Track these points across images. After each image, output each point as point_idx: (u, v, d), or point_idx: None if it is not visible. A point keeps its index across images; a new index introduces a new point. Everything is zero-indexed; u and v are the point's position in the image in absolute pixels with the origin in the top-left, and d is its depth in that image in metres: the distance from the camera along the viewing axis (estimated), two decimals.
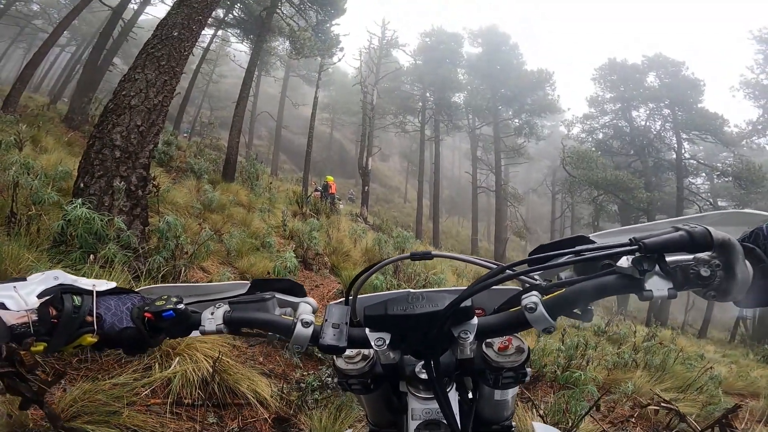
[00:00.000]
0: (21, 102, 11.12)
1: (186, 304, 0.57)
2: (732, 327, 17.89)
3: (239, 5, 16.70)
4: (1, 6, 17.51)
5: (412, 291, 0.55)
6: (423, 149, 25.30)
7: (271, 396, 2.32)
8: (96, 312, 0.53)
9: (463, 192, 40.00)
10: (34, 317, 0.49)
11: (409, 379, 0.58)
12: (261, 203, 8.74)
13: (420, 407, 0.56)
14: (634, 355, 4.89)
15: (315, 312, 0.59)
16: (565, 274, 0.57)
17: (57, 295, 0.51)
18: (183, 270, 3.52)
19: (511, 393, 0.61)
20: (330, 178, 14.98)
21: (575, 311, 0.51)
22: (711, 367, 5.03)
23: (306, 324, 0.53)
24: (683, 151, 23.47)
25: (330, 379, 2.45)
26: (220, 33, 20.16)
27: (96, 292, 0.55)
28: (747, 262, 0.44)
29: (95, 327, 0.52)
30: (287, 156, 35.56)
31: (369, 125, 20.37)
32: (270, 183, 11.71)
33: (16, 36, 25.47)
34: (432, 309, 0.50)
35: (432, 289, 0.63)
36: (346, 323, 0.53)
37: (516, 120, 27.83)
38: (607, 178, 20.83)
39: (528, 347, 0.56)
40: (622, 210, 24.25)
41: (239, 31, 18.23)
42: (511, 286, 0.64)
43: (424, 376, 0.56)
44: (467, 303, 0.49)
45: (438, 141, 25.74)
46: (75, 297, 0.52)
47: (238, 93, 12.18)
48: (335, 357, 0.60)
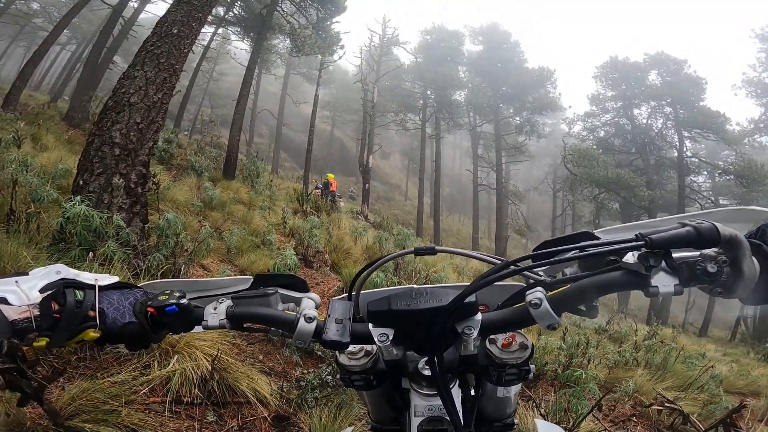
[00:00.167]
0: (21, 100, 11.12)
1: (189, 299, 0.56)
2: (732, 325, 17.87)
3: (240, 3, 16.67)
4: (1, 5, 17.49)
5: (415, 287, 0.55)
6: (424, 147, 25.29)
7: (271, 394, 2.31)
8: (98, 307, 0.52)
9: (464, 190, 40.02)
10: (36, 312, 0.48)
11: (412, 376, 0.58)
12: (261, 201, 8.72)
13: (423, 404, 0.56)
14: (635, 354, 4.88)
15: (318, 307, 0.58)
16: (570, 270, 0.57)
17: (59, 290, 0.51)
18: (183, 268, 3.51)
19: (514, 390, 0.61)
20: (331, 175, 14.98)
21: (580, 307, 0.50)
22: (712, 366, 5.01)
23: (309, 319, 0.53)
24: (685, 149, 23.44)
25: (330, 378, 2.44)
26: (220, 31, 20.14)
27: (98, 286, 0.54)
28: (754, 258, 0.44)
29: (98, 322, 0.52)
30: (288, 154, 35.55)
31: (370, 123, 20.37)
32: (270, 181, 11.68)
33: (16, 35, 25.47)
34: (436, 304, 0.49)
35: (436, 285, 0.63)
36: (349, 319, 0.52)
37: (517, 118, 27.81)
38: (609, 176, 20.79)
39: (532, 344, 0.55)
40: (623, 208, 24.22)
41: (240, 29, 18.22)
42: (515, 282, 0.62)
43: (427, 372, 0.55)
44: (471, 299, 0.49)
45: (439, 139, 25.72)
46: (77, 291, 0.52)
47: (238, 91, 12.18)
48: (338, 353, 0.59)
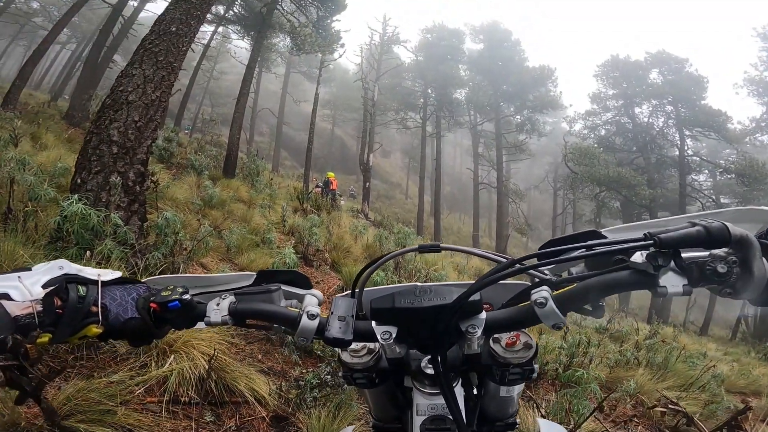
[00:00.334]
0: (22, 99, 11.12)
1: (192, 294, 0.56)
2: (733, 324, 17.85)
3: (240, 2, 16.65)
4: (1, 4, 17.47)
5: (419, 284, 0.54)
6: (424, 145, 25.25)
7: (269, 394, 2.29)
8: (101, 302, 0.52)
9: (465, 188, 40.00)
10: (39, 308, 0.48)
11: (415, 374, 0.57)
12: (262, 199, 8.70)
13: (425, 402, 0.55)
14: (636, 353, 4.86)
15: (321, 304, 0.58)
16: (577, 269, 0.56)
17: (62, 285, 0.50)
18: (181, 266, 3.49)
19: (517, 390, 0.61)
20: (331, 174, 14.98)
21: (586, 307, 0.50)
22: (713, 366, 4.99)
23: (312, 316, 0.52)
24: (686, 148, 23.40)
25: (329, 377, 2.42)
26: (220, 29, 20.10)
27: (101, 282, 0.54)
28: (764, 259, 0.43)
29: (100, 317, 0.52)
30: (288, 152, 35.54)
31: (370, 121, 20.35)
32: (271, 179, 11.66)
33: (16, 34, 25.47)
34: (440, 302, 0.49)
35: (440, 283, 0.62)
36: (352, 316, 0.52)
37: (518, 116, 27.76)
38: (610, 174, 20.75)
39: (536, 343, 0.54)
40: (624, 207, 24.18)
41: (240, 28, 18.19)
42: (520, 280, 0.61)
43: (430, 371, 0.55)
44: (476, 297, 0.49)
45: (439, 137, 25.68)
46: (80, 287, 0.52)
47: (238, 90, 12.15)
48: (340, 350, 0.59)
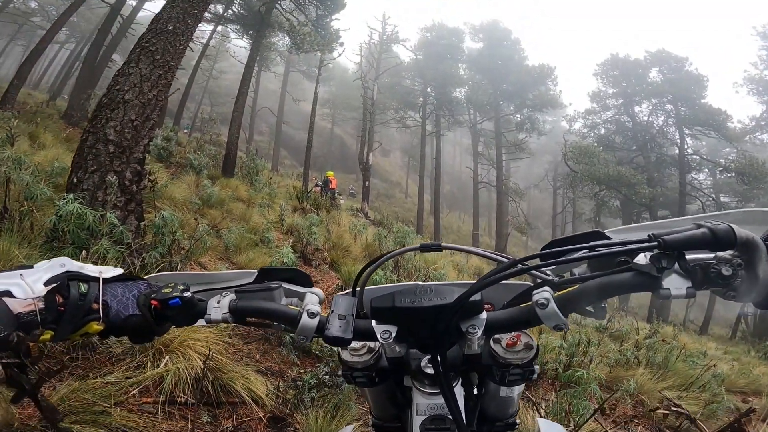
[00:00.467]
0: (20, 99, 11.09)
1: (192, 292, 0.56)
2: (733, 323, 17.86)
3: (238, 1, 16.59)
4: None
5: (420, 283, 0.54)
6: (424, 144, 25.24)
7: (267, 394, 2.27)
8: (102, 299, 0.53)
9: (464, 187, 39.98)
10: (41, 305, 0.48)
11: (415, 374, 0.57)
12: (261, 198, 8.68)
13: (425, 402, 0.55)
14: (636, 353, 4.85)
15: (321, 303, 0.58)
16: (579, 270, 0.55)
17: (63, 283, 0.51)
18: (179, 266, 3.47)
19: (517, 390, 0.61)
20: (330, 173, 14.96)
21: (588, 308, 0.49)
22: (714, 365, 4.98)
23: (312, 315, 0.52)
24: (686, 147, 23.38)
25: (327, 377, 2.40)
26: (219, 29, 20.02)
27: (102, 279, 0.55)
28: None
29: (101, 314, 0.52)
30: (288, 151, 35.51)
31: (370, 120, 20.33)
32: (270, 178, 11.63)
33: (14, 33, 25.41)
34: (440, 302, 0.49)
35: (441, 282, 0.61)
36: (352, 315, 0.52)
37: (517, 115, 27.75)
38: (609, 173, 20.75)
39: (537, 344, 0.54)
40: (624, 206, 24.18)
41: (239, 27, 18.14)
42: (522, 281, 0.60)
43: (429, 370, 0.55)
44: (477, 297, 0.48)
45: (439, 136, 25.66)
46: (81, 284, 0.52)
47: (237, 89, 12.12)
48: (340, 349, 0.59)
